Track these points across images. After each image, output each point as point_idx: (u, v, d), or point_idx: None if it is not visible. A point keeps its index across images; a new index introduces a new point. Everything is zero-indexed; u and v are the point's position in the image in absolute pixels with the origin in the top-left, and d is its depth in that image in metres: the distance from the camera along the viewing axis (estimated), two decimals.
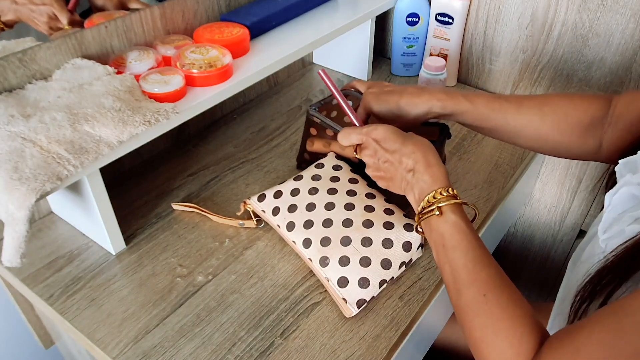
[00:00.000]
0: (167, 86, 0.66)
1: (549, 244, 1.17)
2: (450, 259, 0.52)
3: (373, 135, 0.61)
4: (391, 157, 0.60)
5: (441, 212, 0.54)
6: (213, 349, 0.58)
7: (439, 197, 0.54)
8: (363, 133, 0.62)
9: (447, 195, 0.55)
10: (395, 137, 0.60)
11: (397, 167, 0.59)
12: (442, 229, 0.54)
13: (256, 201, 0.70)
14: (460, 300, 0.51)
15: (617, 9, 0.84)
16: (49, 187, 0.53)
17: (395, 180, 0.60)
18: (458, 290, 0.51)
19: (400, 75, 1.11)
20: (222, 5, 0.84)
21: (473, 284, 0.50)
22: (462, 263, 0.51)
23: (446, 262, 0.53)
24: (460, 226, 0.53)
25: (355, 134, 0.63)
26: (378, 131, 0.61)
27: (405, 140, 0.60)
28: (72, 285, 0.65)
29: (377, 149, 0.61)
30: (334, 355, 0.58)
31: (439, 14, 1.00)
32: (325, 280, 0.63)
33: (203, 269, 0.67)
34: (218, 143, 0.90)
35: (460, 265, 0.51)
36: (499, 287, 0.49)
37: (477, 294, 0.49)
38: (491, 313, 0.47)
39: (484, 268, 0.51)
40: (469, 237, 0.53)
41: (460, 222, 0.53)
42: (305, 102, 1.02)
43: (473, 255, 0.52)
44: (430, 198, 0.55)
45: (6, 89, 0.62)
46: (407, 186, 0.59)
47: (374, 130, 0.62)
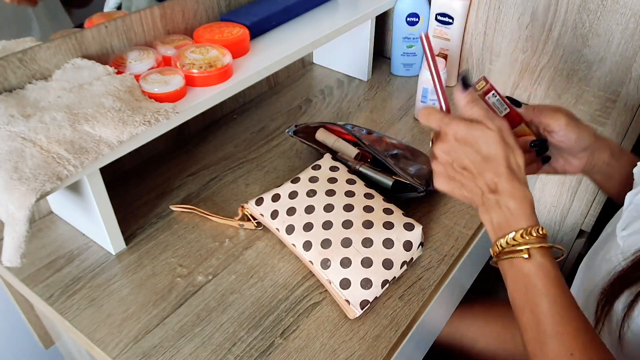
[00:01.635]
0: (167, 86, 0.66)
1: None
2: (533, 304, 0.48)
3: (454, 129, 0.51)
4: (471, 164, 0.51)
5: (529, 255, 0.48)
6: (213, 349, 0.58)
7: (528, 239, 0.48)
8: (445, 122, 0.52)
9: (536, 236, 0.48)
10: (480, 144, 0.51)
11: (475, 179, 0.52)
12: (528, 270, 0.48)
13: (254, 205, 0.70)
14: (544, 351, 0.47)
15: (617, 9, 0.84)
16: (49, 187, 0.53)
17: (465, 191, 0.53)
18: (541, 341, 0.47)
19: (400, 75, 1.11)
20: (222, 5, 0.84)
21: (559, 337, 0.46)
22: (549, 312, 0.47)
23: (526, 306, 0.49)
24: (548, 270, 0.48)
25: (436, 117, 0.53)
26: (461, 127, 0.51)
27: (492, 153, 0.51)
28: (72, 285, 0.65)
29: (455, 147, 0.52)
30: (334, 355, 0.58)
31: (439, 14, 1.00)
32: (327, 283, 0.63)
33: (203, 269, 0.67)
34: (218, 143, 0.90)
35: (547, 314, 0.47)
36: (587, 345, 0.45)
37: (563, 351, 0.45)
38: None
39: (572, 321, 0.46)
40: (557, 283, 0.48)
41: (549, 266, 0.48)
42: (305, 102, 1.02)
43: (561, 305, 0.47)
44: (517, 237, 0.49)
45: (6, 89, 0.62)
46: (484, 205, 0.52)
47: (458, 124, 0.51)
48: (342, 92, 1.05)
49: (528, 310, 0.48)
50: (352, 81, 1.08)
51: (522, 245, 0.48)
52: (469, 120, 0.51)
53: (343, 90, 1.05)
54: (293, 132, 0.82)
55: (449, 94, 1.04)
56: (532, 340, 0.48)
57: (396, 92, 1.05)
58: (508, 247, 0.49)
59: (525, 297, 0.49)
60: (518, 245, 0.49)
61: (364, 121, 0.96)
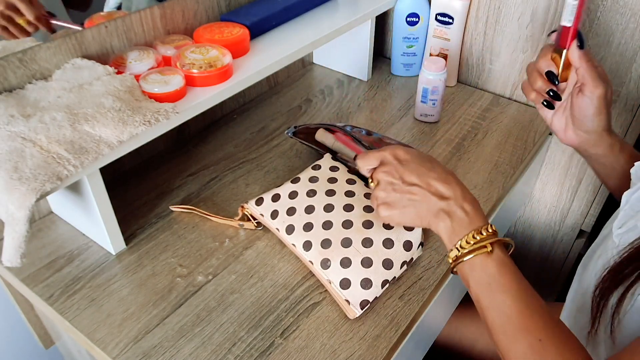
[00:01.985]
0: (167, 86, 0.66)
1: (549, 244, 1.17)
2: (498, 303, 0.49)
3: (393, 152, 0.56)
4: (418, 179, 0.54)
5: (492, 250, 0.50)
6: (213, 349, 0.58)
7: (486, 235, 0.50)
8: (381, 152, 0.57)
9: (491, 232, 0.51)
10: (422, 158, 0.56)
11: (425, 192, 0.54)
12: (490, 269, 0.50)
13: (254, 205, 0.70)
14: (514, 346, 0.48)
15: (617, 9, 0.84)
16: (49, 187, 0.53)
17: (418, 207, 0.55)
18: (509, 336, 0.48)
19: (400, 75, 1.11)
20: (222, 5, 0.84)
21: (527, 330, 0.47)
22: (516, 309, 0.48)
23: (491, 305, 0.50)
24: (507, 265, 0.50)
25: (372, 154, 0.58)
26: (403, 149, 0.56)
27: (435, 165, 0.55)
28: (72, 285, 0.65)
29: (398, 166, 0.56)
30: (334, 355, 0.58)
31: (439, 14, 1.00)
32: (327, 283, 0.63)
33: (203, 269, 0.67)
34: (218, 143, 0.90)
35: (514, 311, 0.48)
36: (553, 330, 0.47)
37: (532, 339, 0.46)
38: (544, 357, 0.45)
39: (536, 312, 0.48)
40: (516, 277, 0.50)
41: (507, 261, 0.50)
42: (305, 102, 1.02)
43: (524, 299, 0.48)
44: (475, 234, 0.51)
45: (6, 89, 0.62)
46: (438, 215, 0.53)
47: (397, 149, 0.57)
48: (342, 92, 1.05)
49: (493, 309, 0.49)
50: (352, 81, 1.08)
51: (483, 241, 0.50)
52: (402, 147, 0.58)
53: (343, 90, 1.05)
54: (292, 134, 0.82)
55: (448, 93, 1.04)
56: (502, 337, 0.49)
57: (396, 92, 1.05)
58: (468, 246, 0.51)
59: (490, 296, 0.50)
60: (479, 242, 0.50)
61: (364, 121, 0.96)
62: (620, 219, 0.54)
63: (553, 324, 0.47)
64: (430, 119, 0.95)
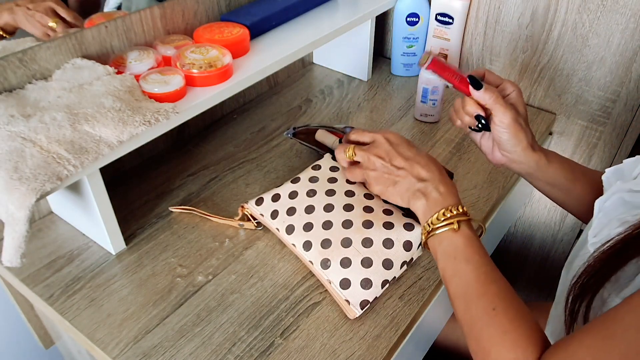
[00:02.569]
0: (167, 86, 0.66)
1: (549, 244, 1.17)
2: (460, 272, 0.54)
3: (386, 135, 0.63)
4: (405, 163, 0.60)
5: (458, 226, 0.55)
6: (213, 349, 0.58)
7: (455, 213, 0.56)
8: (376, 132, 0.64)
9: (461, 211, 0.56)
10: (409, 145, 0.62)
11: (408, 174, 0.60)
12: (457, 242, 0.55)
13: (254, 205, 0.70)
14: (470, 311, 0.52)
15: (617, 9, 0.84)
16: (49, 187, 0.53)
17: (399, 186, 0.60)
18: (468, 301, 0.52)
19: (400, 75, 1.11)
20: (222, 5, 0.84)
21: (484, 296, 0.51)
22: (475, 276, 0.53)
23: (455, 274, 0.54)
24: (473, 240, 0.55)
25: (367, 132, 0.65)
26: (394, 134, 0.63)
27: (419, 151, 0.62)
28: (72, 285, 0.65)
29: (389, 150, 0.62)
30: (334, 355, 0.58)
31: (439, 14, 1.00)
32: (327, 283, 0.63)
33: (203, 269, 0.67)
34: (218, 143, 0.90)
35: (473, 278, 0.53)
36: (508, 300, 0.51)
37: (487, 307, 0.50)
38: (500, 325, 0.49)
39: (494, 282, 0.52)
40: (480, 251, 0.54)
41: (473, 237, 0.55)
42: (305, 102, 1.02)
43: (485, 269, 0.53)
44: (446, 212, 0.56)
45: (6, 89, 0.62)
46: (415, 194, 0.59)
47: (389, 133, 0.63)
48: (342, 92, 1.05)
49: (457, 277, 0.54)
50: (352, 81, 1.08)
51: (452, 219, 0.55)
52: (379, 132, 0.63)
53: (343, 90, 1.05)
54: (292, 135, 0.82)
55: (448, 93, 1.04)
56: (461, 303, 0.53)
57: (396, 92, 1.05)
58: (438, 222, 0.56)
59: (454, 266, 0.55)
60: (448, 220, 0.56)
61: (364, 121, 0.96)
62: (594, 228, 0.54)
63: (510, 296, 0.51)
64: (430, 119, 0.95)
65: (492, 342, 0.49)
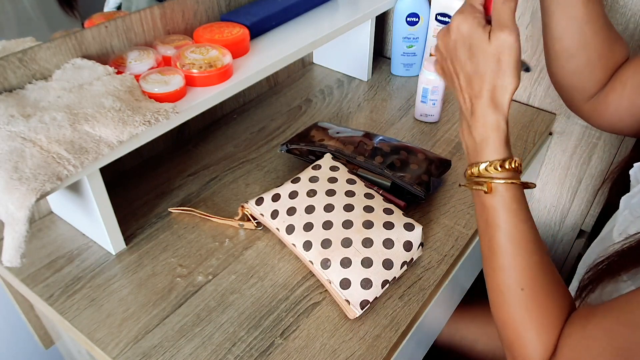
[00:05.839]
0: (167, 86, 0.66)
1: (549, 244, 1.17)
2: (490, 235, 0.49)
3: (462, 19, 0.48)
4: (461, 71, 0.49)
5: (490, 190, 0.48)
6: (213, 349, 0.58)
7: (493, 172, 0.48)
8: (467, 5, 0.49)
9: (505, 170, 0.47)
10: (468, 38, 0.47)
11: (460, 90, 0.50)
12: (489, 204, 0.48)
13: (254, 205, 0.70)
14: (495, 279, 0.48)
15: (617, 9, 0.84)
16: (49, 187, 0.53)
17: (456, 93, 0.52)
18: (493, 269, 0.49)
19: (400, 75, 1.11)
20: (222, 5, 0.84)
21: (512, 270, 0.47)
22: (504, 246, 0.47)
23: (486, 236, 0.50)
24: (509, 205, 0.48)
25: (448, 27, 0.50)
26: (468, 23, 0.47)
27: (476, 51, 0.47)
28: (72, 285, 0.65)
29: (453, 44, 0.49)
30: (334, 355, 0.58)
31: (439, 14, 1.00)
32: (327, 283, 0.63)
33: (203, 269, 0.67)
34: (218, 143, 0.90)
35: (500, 246, 0.48)
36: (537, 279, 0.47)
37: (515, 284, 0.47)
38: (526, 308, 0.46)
39: (525, 255, 0.47)
40: (516, 217, 0.48)
41: (511, 201, 0.48)
42: (305, 102, 1.02)
43: (515, 239, 0.47)
44: (483, 170, 0.48)
45: (6, 89, 0.62)
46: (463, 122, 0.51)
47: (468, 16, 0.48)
48: (342, 92, 1.05)
49: (486, 239, 0.49)
50: (352, 81, 1.08)
51: (486, 179, 0.48)
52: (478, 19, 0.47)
53: (343, 90, 1.05)
54: (286, 151, 0.81)
55: (448, 93, 1.04)
56: (487, 269, 0.49)
57: (396, 92, 1.05)
58: (474, 177, 0.49)
59: (485, 227, 0.49)
60: (482, 179, 0.48)
61: (364, 121, 0.96)
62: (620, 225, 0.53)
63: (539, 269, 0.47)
64: (430, 119, 0.95)
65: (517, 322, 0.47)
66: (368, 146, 0.77)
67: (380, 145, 0.78)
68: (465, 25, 0.47)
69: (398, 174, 0.73)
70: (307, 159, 0.81)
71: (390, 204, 0.68)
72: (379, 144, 0.78)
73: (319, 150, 0.78)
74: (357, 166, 0.76)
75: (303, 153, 0.81)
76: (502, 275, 0.48)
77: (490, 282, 0.50)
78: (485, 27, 0.47)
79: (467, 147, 0.51)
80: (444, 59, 0.51)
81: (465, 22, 0.47)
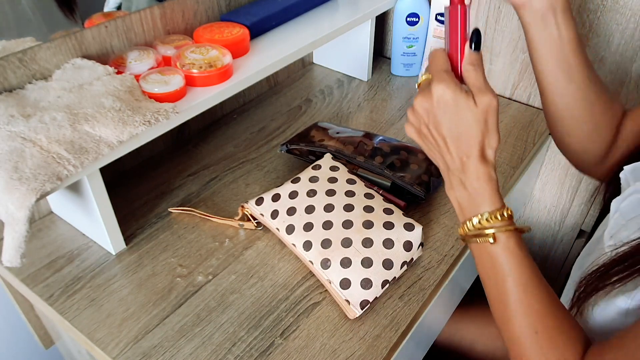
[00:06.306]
0: (167, 86, 0.66)
1: (549, 244, 1.17)
2: (499, 285, 0.50)
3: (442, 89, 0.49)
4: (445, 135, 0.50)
5: (495, 240, 0.49)
6: (213, 349, 0.58)
7: (493, 222, 0.49)
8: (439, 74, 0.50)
9: (502, 219, 0.49)
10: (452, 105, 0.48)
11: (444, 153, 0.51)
12: (494, 253, 0.50)
13: (254, 205, 0.70)
14: (510, 327, 0.49)
15: (617, 9, 0.84)
16: (49, 187, 0.53)
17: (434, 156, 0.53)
18: (507, 318, 0.49)
19: (400, 75, 1.11)
20: (222, 5, 0.84)
21: (524, 316, 0.48)
22: (513, 291, 0.49)
23: (494, 285, 0.50)
24: (514, 252, 0.49)
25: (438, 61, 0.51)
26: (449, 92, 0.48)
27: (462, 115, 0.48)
28: (72, 285, 0.65)
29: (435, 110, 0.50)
30: (334, 355, 0.58)
31: (439, 14, 1.00)
32: (327, 283, 0.63)
33: (203, 269, 0.67)
34: (218, 143, 0.90)
35: (512, 294, 0.49)
36: (550, 321, 0.48)
37: (528, 329, 0.48)
38: (542, 351, 0.47)
39: (538, 300, 0.48)
40: (522, 263, 0.49)
41: (515, 248, 0.49)
42: (305, 102, 1.02)
43: (526, 285, 0.49)
44: (483, 221, 0.49)
45: (6, 89, 0.62)
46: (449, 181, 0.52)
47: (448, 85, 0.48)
48: (342, 92, 1.05)
49: (495, 290, 0.50)
50: (352, 81, 1.08)
51: (488, 229, 0.49)
52: (459, 86, 0.49)
53: (343, 90, 1.05)
54: (286, 151, 0.81)
55: None
56: (499, 317, 0.50)
57: (396, 92, 1.05)
58: (474, 230, 0.50)
59: (492, 276, 0.50)
60: (484, 229, 0.49)
61: (364, 121, 0.96)
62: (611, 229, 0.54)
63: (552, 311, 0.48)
64: None
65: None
66: (368, 146, 0.77)
67: (380, 145, 0.78)
68: (449, 93, 0.48)
69: (398, 174, 0.73)
70: (307, 159, 0.81)
71: (390, 204, 0.68)
72: (379, 144, 0.78)
73: (319, 150, 0.78)
74: (357, 166, 0.76)
75: (303, 153, 0.81)
76: (516, 322, 0.49)
77: (504, 330, 0.50)
78: (468, 93, 0.49)
79: (459, 202, 0.52)
80: (422, 123, 0.52)
81: (448, 90, 0.49)
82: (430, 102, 0.50)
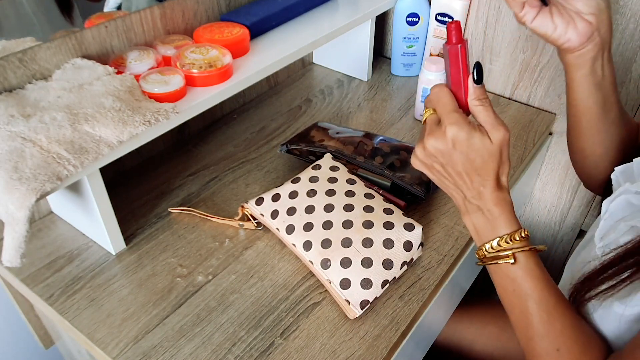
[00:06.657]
0: (167, 86, 0.66)
1: (549, 244, 1.17)
2: (521, 306, 0.51)
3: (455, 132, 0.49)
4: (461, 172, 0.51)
5: (515, 260, 0.50)
6: (213, 349, 0.58)
7: (512, 244, 0.50)
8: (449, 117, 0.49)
9: (520, 239, 0.50)
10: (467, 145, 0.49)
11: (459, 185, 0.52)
12: (514, 274, 0.51)
13: (254, 205, 0.70)
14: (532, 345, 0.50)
15: (617, 9, 0.84)
16: (49, 187, 0.53)
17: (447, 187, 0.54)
18: (530, 337, 0.51)
19: (400, 75, 1.11)
20: (222, 5, 0.84)
21: (546, 335, 0.49)
22: (536, 312, 0.50)
23: (516, 307, 0.51)
24: (533, 272, 0.50)
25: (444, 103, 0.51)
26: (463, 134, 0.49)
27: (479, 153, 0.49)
28: (72, 285, 0.65)
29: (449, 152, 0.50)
30: (334, 355, 0.58)
31: (439, 14, 1.00)
32: (327, 283, 0.63)
33: (203, 269, 0.67)
34: (218, 143, 0.90)
35: (534, 315, 0.50)
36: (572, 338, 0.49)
37: (550, 347, 0.49)
38: None
39: (559, 318, 0.49)
40: (542, 284, 0.50)
41: (534, 268, 0.50)
42: (305, 102, 1.02)
43: (547, 305, 0.50)
44: (502, 243, 0.50)
45: (6, 89, 0.62)
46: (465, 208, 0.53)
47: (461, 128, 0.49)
48: (342, 92, 1.05)
49: (517, 310, 0.51)
50: (352, 81, 1.08)
51: (507, 251, 0.50)
52: (472, 125, 0.49)
53: (343, 90, 1.05)
54: (286, 151, 0.81)
55: None
56: (523, 337, 0.51)
57: (396, 92, 1.05)
58: (493, 252, 0.51)
59: (513, 298, 0.51)
60: (503, 251, 0.50)
61: (364, 121, 0.96)
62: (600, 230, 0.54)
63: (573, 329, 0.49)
64: None
65: None
66: (368, 146, 0.77)
67: (380, 145, 0.78)
68: (463, 135, 0.49)
69: (398, 174, 0.73)
70: (307, 159, 0.81)
71: (390, 204, 0.68)
72: (379, 144, 0.78)
73: (319, 150, 0.78)
74: (357, 166, 0.76)
75: (303, 153, 0.81)
76: (539, 341, 0.50)
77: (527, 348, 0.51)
78: (482, 131, 0.49)
79: (476, 226, 0.53)
80: (435, 162, 0.52)
81: (462, 132, 0.49)
82: (444, 144, 0.50)
